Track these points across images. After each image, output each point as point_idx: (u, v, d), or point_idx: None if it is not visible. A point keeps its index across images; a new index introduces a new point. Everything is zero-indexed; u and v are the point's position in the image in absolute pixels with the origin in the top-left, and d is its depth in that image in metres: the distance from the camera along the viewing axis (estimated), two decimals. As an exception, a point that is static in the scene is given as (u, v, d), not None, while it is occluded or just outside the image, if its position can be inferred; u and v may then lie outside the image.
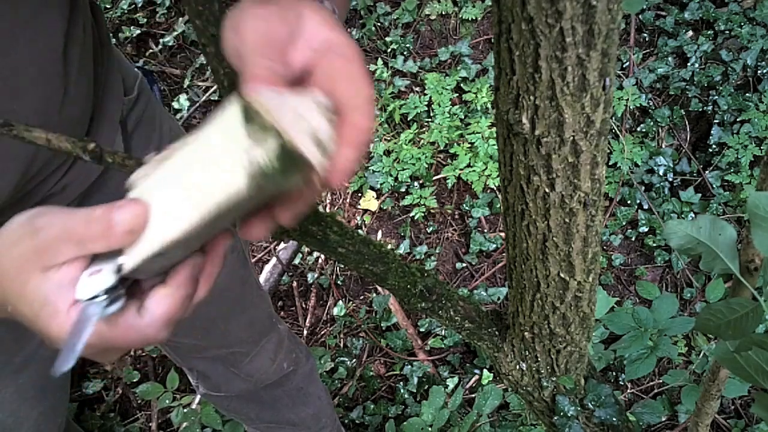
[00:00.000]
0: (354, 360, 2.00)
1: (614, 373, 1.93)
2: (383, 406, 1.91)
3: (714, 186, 2.14)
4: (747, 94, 2.19)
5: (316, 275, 2.14)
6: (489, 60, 2.34)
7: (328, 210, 2.25)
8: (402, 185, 2.20)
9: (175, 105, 2.38)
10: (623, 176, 2.13)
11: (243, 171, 0.43)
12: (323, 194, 2.16)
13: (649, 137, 2.22)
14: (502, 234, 1.97)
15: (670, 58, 2.28)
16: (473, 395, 1.85)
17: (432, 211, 2.20)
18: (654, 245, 2.10)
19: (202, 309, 1.11)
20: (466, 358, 2.02)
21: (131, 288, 0.49)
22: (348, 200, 2.25)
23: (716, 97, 2.19)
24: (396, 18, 2.42)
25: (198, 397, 1.85)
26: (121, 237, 0.46)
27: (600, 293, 1.33)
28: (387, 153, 2.25)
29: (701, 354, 1.65)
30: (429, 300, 0.81)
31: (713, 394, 0.89)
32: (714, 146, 2.17)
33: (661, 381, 1.92)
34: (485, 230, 2.16)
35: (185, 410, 1.81)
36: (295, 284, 2.15)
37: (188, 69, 2.44)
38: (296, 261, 2.17)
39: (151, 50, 2.48)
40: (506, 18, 0.49)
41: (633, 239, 2.15)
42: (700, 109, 2.21)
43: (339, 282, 2.14)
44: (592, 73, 0.50)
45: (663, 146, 2.22)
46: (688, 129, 2.25)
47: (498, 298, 2.04)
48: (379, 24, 2.44)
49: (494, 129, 1.35)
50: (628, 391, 1.93)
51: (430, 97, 2.26)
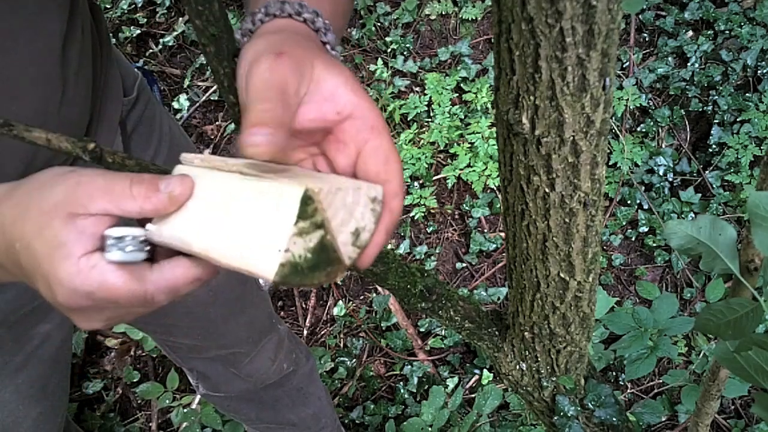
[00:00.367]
0: (354, 360, 2.00)
1: (614, 373, 1.93)
2: (383, 406, 1.91)
3: (714, 186, 2.14)
4: (747, 94, 2.19)
5: (316, 275, 2.14)
6: (489, 60, 2.34)
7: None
8: (402, 185, 2.20)
9: (175, 105, 2.38)
10: (623, 176, 2.13)
11: (277, 256, 0.43)
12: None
13: (649, 137, 2.22)
14: (502, 234, 1.97)
15: (670, 58, 2.28)
16: (473, 395, 1.85)
17: (432, 211, 2.20)
18: (654, 245, 2.10)
19: (202, 309, 1.12)
20: (466, 358, 2.02)
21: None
22: (348, 200, 2.25)
23: (716, 97, 2.19)
24: (396, 18, 2.42)
25: (198, 397, 1.85)
26: (162, 200, 0.47)
27: (600, 293, 1.33)
28: (387, 153, 2.24)
29: (701, 354, 1.65)
30: (429, 300, 0.81)
31: (713, 394, 0.89)
32: (714, 146, 2.17)
33: (661, 381, 1.92)
34: (485, 230, 2.16)
35: (185, 410, 1.81)
36: (295, 284, 2.15)
37: (188, 69, 2.43)
38: (296, 261, 2.17)
39: (151, 50, 2.47)
40: (506, 18, 0.49)
41: (633, 239, 2.15)
42: (700, 109, 2.21)
43: (339, 282, 2.14)
44: (592, 73, 0.50)
45: (663, 146, 2.22)
46: (688, 129, 2.25)
47: (498, 298, 2.04)
48: (379, 24, 2.44)
49: (494, 129, 1.35)
50: (628, 391, 1.93)
51: (430, 97, 2.26)
